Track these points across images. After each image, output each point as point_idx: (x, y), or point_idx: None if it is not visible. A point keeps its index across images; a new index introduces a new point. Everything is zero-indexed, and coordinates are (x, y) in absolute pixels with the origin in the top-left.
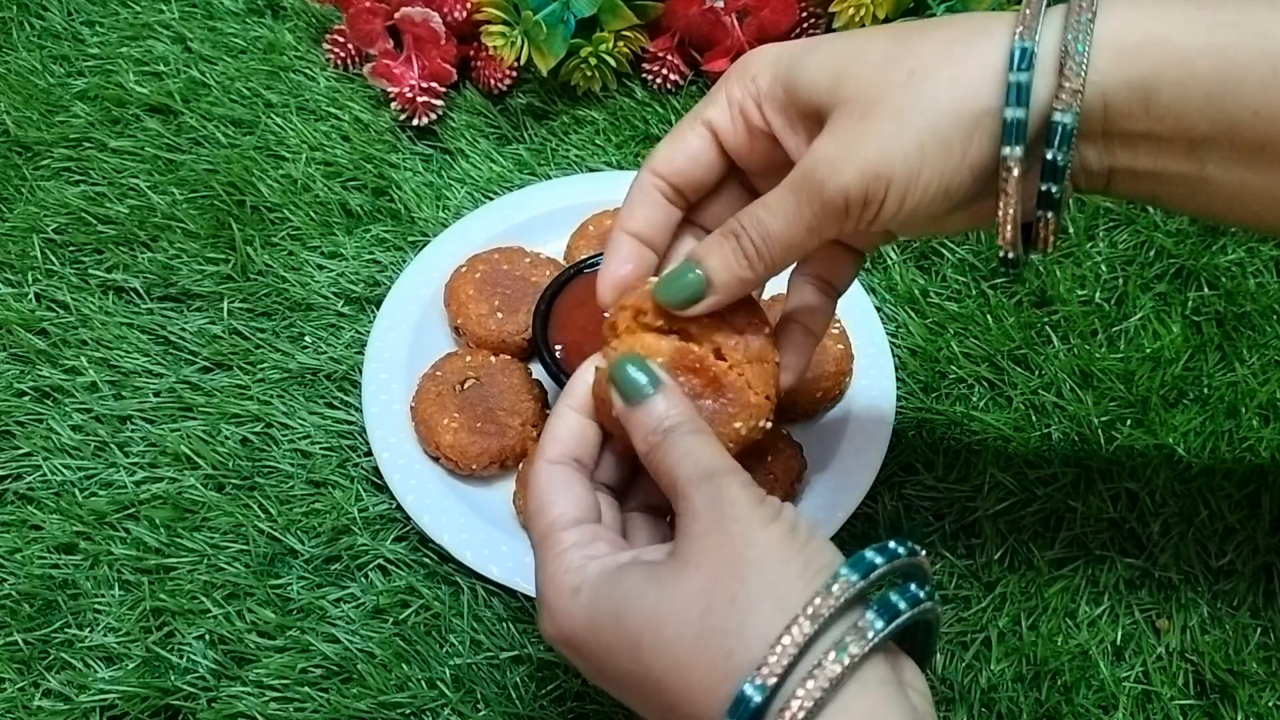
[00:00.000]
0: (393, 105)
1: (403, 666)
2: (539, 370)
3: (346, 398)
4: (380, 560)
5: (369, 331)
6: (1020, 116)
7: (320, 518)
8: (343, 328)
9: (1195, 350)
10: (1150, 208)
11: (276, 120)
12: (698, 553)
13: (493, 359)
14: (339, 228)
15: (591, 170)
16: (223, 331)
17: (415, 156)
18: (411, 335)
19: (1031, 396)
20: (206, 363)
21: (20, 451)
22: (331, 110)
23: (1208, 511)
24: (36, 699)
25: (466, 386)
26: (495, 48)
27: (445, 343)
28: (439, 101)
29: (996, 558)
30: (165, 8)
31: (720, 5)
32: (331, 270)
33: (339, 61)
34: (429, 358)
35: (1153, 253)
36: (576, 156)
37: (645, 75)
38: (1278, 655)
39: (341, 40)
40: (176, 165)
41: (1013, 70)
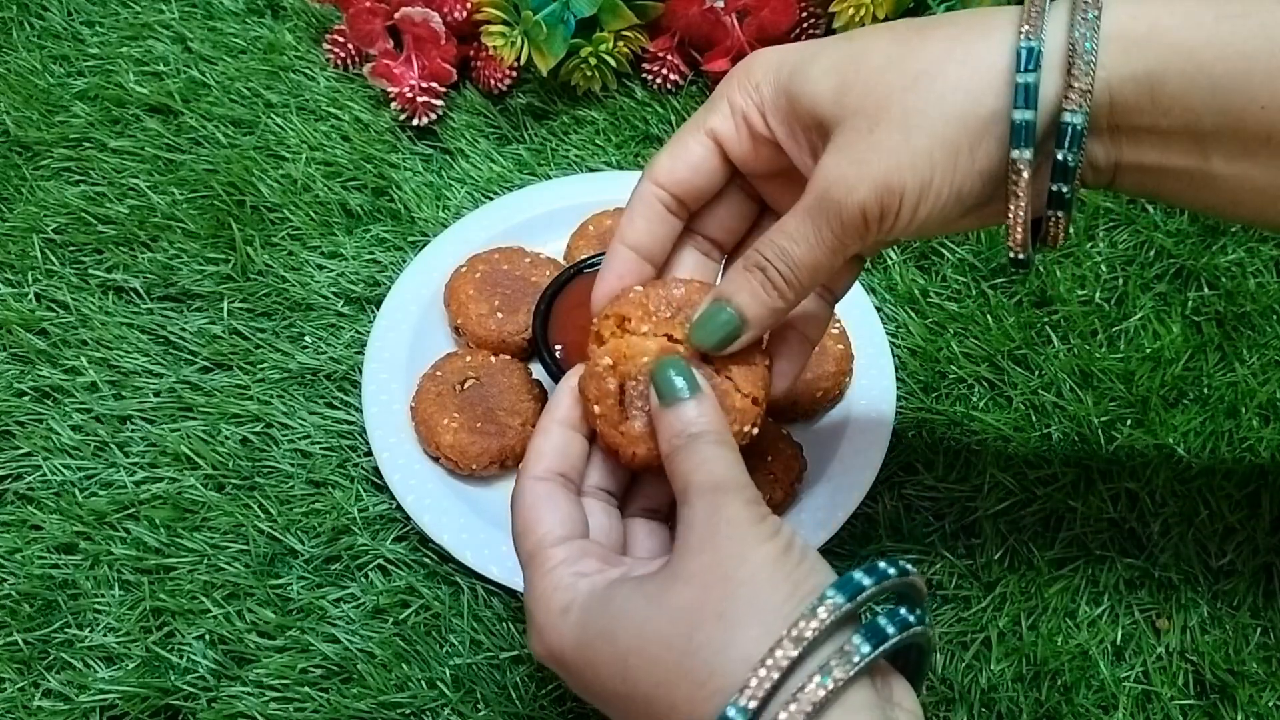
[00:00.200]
0: (393, 105)
1: (403, 666)
2: (539, 370)
3: (346, 398)
4: (380, 560)
5: (369, 331)
6: (1029, 119)
7: (320, 518)
8: (343, 328)
9: (1195, 350)
10: (1150, 207)
11: (276, 120)
12: (689, 568)
13: (493, 359)
14: (339, 228)
15: (591, 170)
16: (223, 331)
17: (415, 156)
18: (411, 335)
19: (1031, 396)
20: (206, 363)
21: (20, 451)
22: (331, 110)
23: (1208, 511)
24: (36, 699)
25: (466, 386)
26: (495, 48)
27: (445, 343)
28: (439, 101)
29: (996, 558)
30: (165, 8)
31: (720, 5)
32: (331, 270)
33: (339, 61)
34: (429, 358)
35: (1153, 253)
36: (576, 156)
37: (645, 75)
38: (1278, 655)
39: (341, 40)
40: (176, 165)
41: (1020, 71)
